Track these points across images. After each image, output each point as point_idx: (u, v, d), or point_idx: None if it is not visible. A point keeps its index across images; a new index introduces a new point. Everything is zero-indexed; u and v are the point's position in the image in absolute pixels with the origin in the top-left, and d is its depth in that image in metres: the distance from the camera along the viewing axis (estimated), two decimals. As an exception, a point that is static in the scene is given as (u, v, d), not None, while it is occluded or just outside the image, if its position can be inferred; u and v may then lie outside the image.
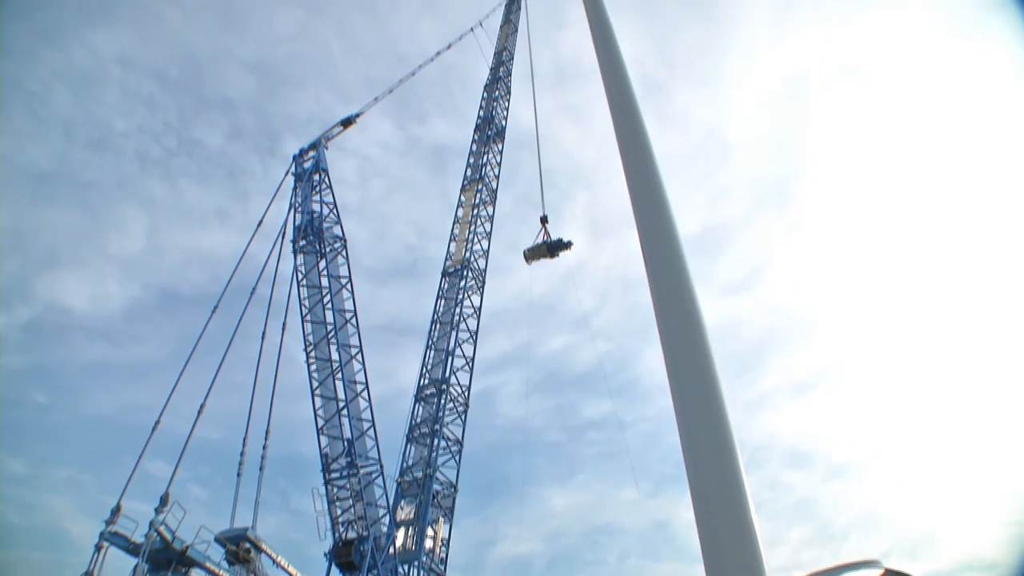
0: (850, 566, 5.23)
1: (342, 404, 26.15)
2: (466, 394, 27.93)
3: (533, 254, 31.11)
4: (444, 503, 25.62)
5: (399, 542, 24.53)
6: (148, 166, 74.69)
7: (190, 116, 79.38)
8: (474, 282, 30.67)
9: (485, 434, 69.64)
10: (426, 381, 28.34)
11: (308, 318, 27.63)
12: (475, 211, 32.57)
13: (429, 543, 24.75)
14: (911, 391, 67.75)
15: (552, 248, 30.92)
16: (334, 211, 30.03)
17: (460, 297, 29.92)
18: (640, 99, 5.53)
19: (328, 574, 24.33)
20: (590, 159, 79.69)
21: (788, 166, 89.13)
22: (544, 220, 31.67)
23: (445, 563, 25.26)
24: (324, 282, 28.28)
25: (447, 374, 27.83)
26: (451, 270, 31.27)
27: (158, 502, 21.66)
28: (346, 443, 25.67)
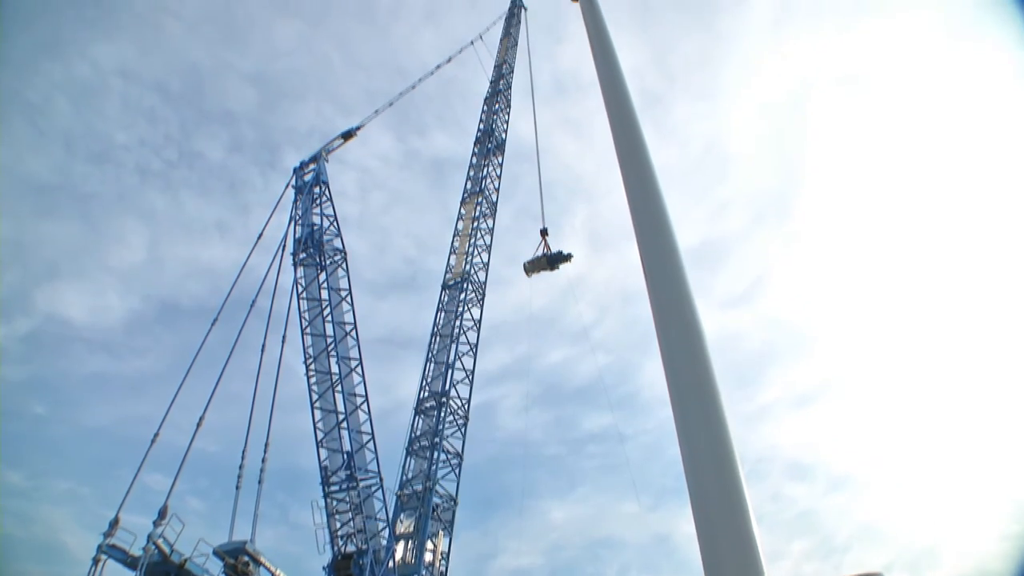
0: None
1: (342, 417, 26.11)
2: (466, 407, 27.85)
3: (533, 267, 31.10)
4: (444, 516, 25.49)
5: (399, 555, 24.38)
6: (149, 178, 74.99)
7: (191, 129, 79.72)
8: (474, 295, 30.65)
9: (485, 447, 69.45)
10: (426, 394, 28.26)
11: (308, 331, 27.64)
12: (475, 224, 32.60)
13: (429, 556, 24.60)
14: (912, 402, 67.58)
15: (552, 261, 30.91)
16: (334, 223, 30.12)
17: (460, 310, 29.88)
18: (639, 111, 5.56)
19: (327, 588, 24.25)
20: (590, 172, 79.95)
21: (787, 178, 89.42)
22: (544, 233, 31.70)
23: (445, 576, 25.13)
24: (324, 294, 28.31)
25: (447, 387, 27.76)
26: (451, 283, 31.25)
27: (156, 515, 21.56)
28: (346, 456, 25.61)
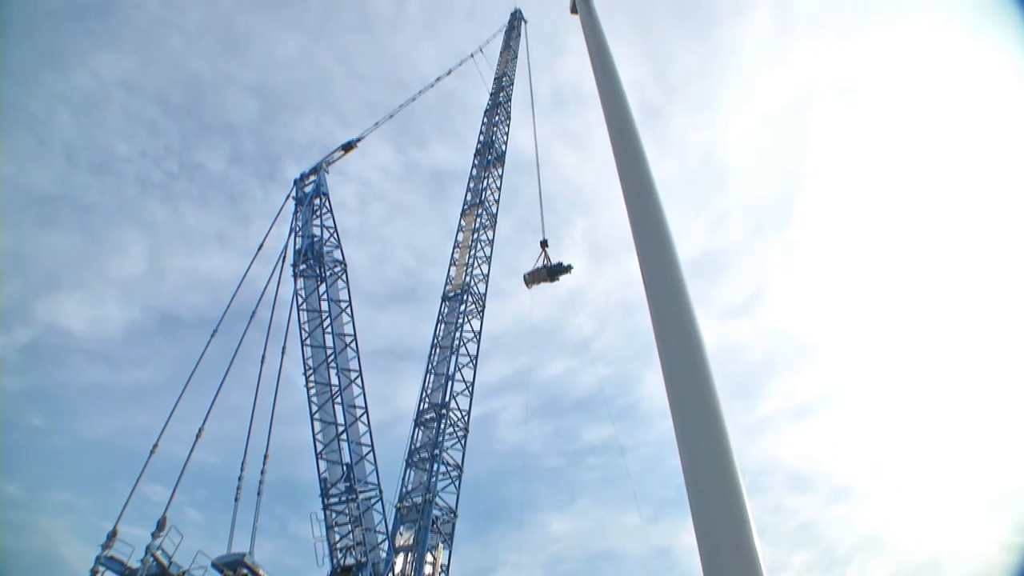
0: None
1: (341, 428, 26.05)
2: (466, 419, 27.78)
3: (533, 278, 31.08)
4: (443, 528, 25.37)
5: (398, 568, 24.24)
6: (149, 190, 75.12)
7: (192, 140, 79.94)
8: (474, 306, 30.64)
9: (485, 459, 69.19)
10: (426, 406, 28.19)
11: (308, 342, 27.60)
12: (475, 235, 32.63)
13: (428, 569, 24.45)
14: (913, 412, 67.43)
15: (552, 272, 30.89)
16: (334, 235, 30.16)
17: (460, 321, 29.86)
18: (639, 124, 5.58)
19: (326, 601, 24.11)
20: (589, 184, 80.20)
21: (787, 189, 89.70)
22: (544, 244, 31.69)
23: (444, 590, 24.99)
24: (324, 306, 28.30)
25: (447, 399, 27.69)
26: (451, 294, 31.25)
27: (155, 526, 21.46)
28: (345, 468, 25.53)
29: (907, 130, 77.39)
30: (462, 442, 27.34)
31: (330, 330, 27.71)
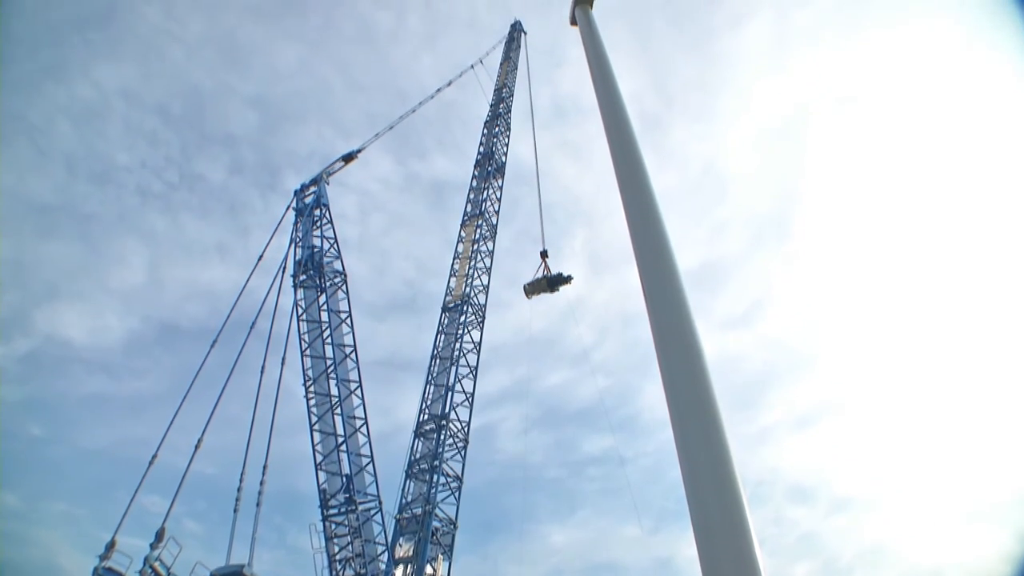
0: None
1: (341, 439, 25.97)
2: (466, 430, 27.71)
3: (533, 289, 31.02)
4: (443, 540, 25.27)
5: (397, 580, 24.17)
6: (149, 200, 75.35)
7: (192, 151, 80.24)
8: (474, 317, 30.62)
9: (485, 470, 69.11)
10: (426, 417, 28.13)
11: (307, 353, 27.56)
12: (475, 246, 32.65)
13: (428, 581, 24.38)
14: (913, 422, 67.27)
15: (552, 283, 30.82)
16: (335, 246, 30.14)
17: (460, 332, 29.84)
18: (638, 134, 5.59)
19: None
20: (589, 194, 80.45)
21: (787, 198, 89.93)
22: (544, 255, 31.63)
23: (444, 602, 24.87)
24: (324, 316, 28.26)
25: (447, 409, 27.63)
26: (451, 305, 31.24)
27: (154, 537, 21.42)
28: (344, 479, 25.44)
29: (907, 138, 77.66)
30: (462, 453, 27.27)
31: (330, 341, 27.67)
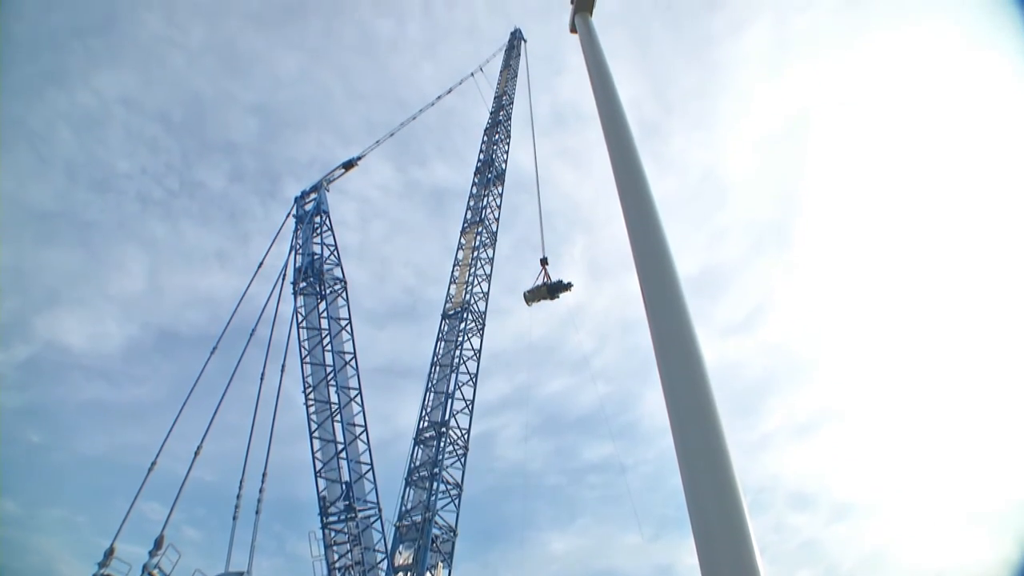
0: None
1: (340, 446, 25.92)
2: (466, 437, 27.63)
3: (533, 296, 31.03)
4: (443, 548, 25.18)
5: (397, 588, 24.08)
6: (150, 207, 75.52)
7: (192, 158, 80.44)
8: (474, 324, 30.57)
9: (485, 477, 68.93)
10: (425, 424, 28.06)
11: (307, 360, 27.52)
12: (475, 253, 32.63)
13: (427, 589, 24.30)
14: (914, 428, 67.21)
15: (552, 290, 30.84)
16: (335, 253, 30.14)
17: (460, 339, 29.78)
18: (638, 141, 5.60)
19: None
20: (588, 202, 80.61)
21: (787, 204, 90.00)
22: (544, 262, 31.68)
23: (444, 610, 24.78)
24: (324, 324, 28.24)
25: (447, 416, 27.56)
26: (451, 312, 31.20)
27: (152, 544, 21.36)
28: (344, 486, 25.38)
29: (908, 143, 77.78)
30: (462, 460, 27.19)
31: (330, 348, 27.65)
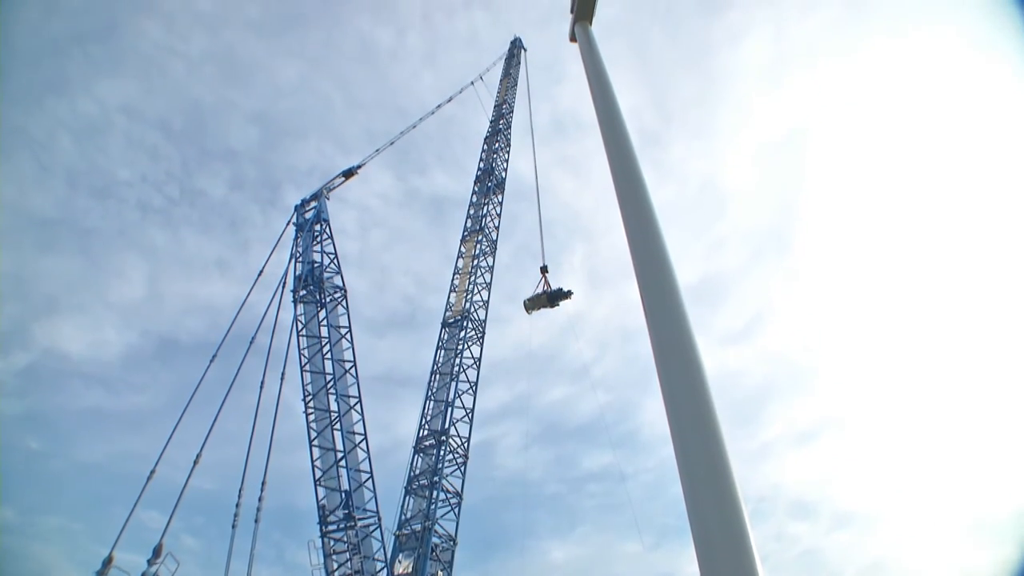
0: None
1: (340, 455, 25.85)
2: (466, 445, 27.59)
3: (533, 304, 31.03)
4: (443, 556, 25.10)
5: (396, 598, 23.99)
6: (150, 215, 75.65)
7: (193, 166, 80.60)
8: (474, 332, 30.56)
9: (484, 486, 68.78)
10: (425, 432, 28.02)
11: (307, 368, 27.48)
12: (475, 262, 32.65)
13: (427, 599, 24.20)
14: (914, 436, 67.08)
15: (552, 298, 30.84)
16: (335, 261, 30.15)
17: (460, 347, 29.76)
18: (637, 150, 5.61)
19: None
20: (588, 210, 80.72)
21: (786, 213, 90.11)
22: (544, 270, 31.70)
23: (443, 620, 24.68)
24: (324, 332, 28.21)
25: (447, 425, 27.53)
26: (451, 320, 31.19)
27: (151, 553, 21.24)
28: (344, 495, 25.30)
29: (908, 151, 77.94)
30: (462, 469, 27.14)
31: (330, 356, 27.61)
